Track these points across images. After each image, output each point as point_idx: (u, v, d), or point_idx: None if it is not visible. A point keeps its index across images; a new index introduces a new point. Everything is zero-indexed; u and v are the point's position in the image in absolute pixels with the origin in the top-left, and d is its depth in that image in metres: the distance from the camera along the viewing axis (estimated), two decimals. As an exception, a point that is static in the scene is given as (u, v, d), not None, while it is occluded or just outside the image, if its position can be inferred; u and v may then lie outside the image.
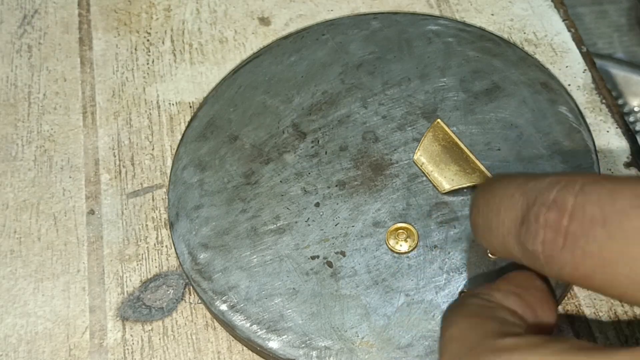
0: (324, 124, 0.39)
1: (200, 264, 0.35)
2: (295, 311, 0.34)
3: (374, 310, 0.33)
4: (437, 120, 0.37)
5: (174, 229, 0.36)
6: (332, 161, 0.38)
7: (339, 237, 0.35)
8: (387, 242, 0.35)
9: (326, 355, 0.33)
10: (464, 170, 0.35)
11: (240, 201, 0.37)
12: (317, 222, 0.36)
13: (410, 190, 0.36)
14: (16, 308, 0.37)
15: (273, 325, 0.33)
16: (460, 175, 0.35)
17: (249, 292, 0.34)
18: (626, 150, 0.39)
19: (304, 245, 0.35)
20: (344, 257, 0.35)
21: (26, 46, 0.46)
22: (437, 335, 0.32)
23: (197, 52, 0.45)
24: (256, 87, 0.40)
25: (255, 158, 0.38)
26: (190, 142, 0.39)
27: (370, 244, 0.35)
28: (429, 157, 0.36)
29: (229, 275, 0.35)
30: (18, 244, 0.39)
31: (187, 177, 0.38)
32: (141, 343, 0.36)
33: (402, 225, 0.35)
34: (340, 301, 0.34)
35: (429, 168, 0.36)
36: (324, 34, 0.42)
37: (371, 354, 0.32)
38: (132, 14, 0.47)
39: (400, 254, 0.35)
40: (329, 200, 0.36)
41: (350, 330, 0.33)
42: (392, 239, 0.35)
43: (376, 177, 0.37)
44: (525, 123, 0.38)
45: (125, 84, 0.44)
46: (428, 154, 0.36)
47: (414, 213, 0.35)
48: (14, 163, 0.41)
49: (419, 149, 0.37)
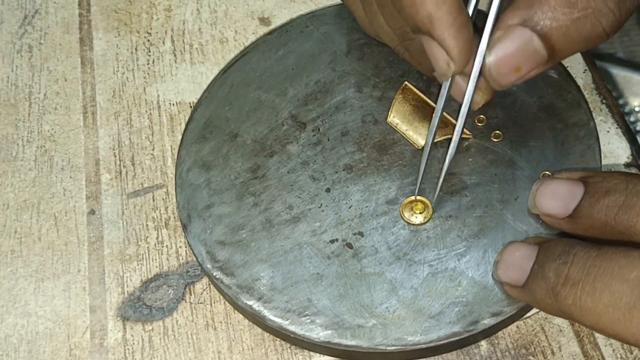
0: (322, 112, 0.39)
1: (220, 261, 0.35)
2: (323, 294, 0.34)
3: (400, 284, 0.34)
4: (405, 82, 0.39)
5: (188, 231, 0.36)
6: (335, 147, 0.38)
7: (354, 219, 0.36)
8: (402, 215, 0.35)
9: (360, 333, 0.33)
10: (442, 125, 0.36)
11: (250, 196, 0.37)
12: (331, 206, 0.36)
13: (417, 166, 0.37)
14: (17, 308, 0.37)
15: (303, 311, 0.34)
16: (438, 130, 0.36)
17: (273, 282, 0.35)
18: (626, 150, 0.39)
19: (321, 230, 0.36)
20: (363, 237, 0.35)
21: (27, 46, 0.46)
22: (465, 301, 0.33)
23: (198, 52, 0.45)
24: (248, 84, 0.41)
25: (259, 152, 0.38)
26: (191, 144, 0.39)
27: (387, 222, 0.36)
28: (402, 118, 0.38)
29: (251, 268, 0.35)
30: (19, 244, 0.39)
31: (192, 178, 0.38)
32: (142, 343, 0.36)
33: (415, 199, 0.36)
34: (365, 280, 0.34)
35: (403, 128, 0.38)
36: (308, 25, 0.42)
37: (404, 326, 0.33)
38: (132, 14, 0.47)
39: (418, 227, 0.35)
40: (339, 185, 0.37)
41: (381, 307, 0.33)
42: (407, 211, 0.36)
43: (382, 157, 0.37)
44: (518, 90, 0.38)
45: (125, 84, 0.44)
46: (401, 115, 0.38)
47: (424, 187, 0.36)
48: (14, 163, 0.41)
49: (391, 111, 0.38)
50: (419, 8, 0.30)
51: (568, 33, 0.30)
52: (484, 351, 0.34)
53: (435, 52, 0.31)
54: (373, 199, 0.36)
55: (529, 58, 0.31)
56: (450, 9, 0.30)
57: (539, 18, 0.30)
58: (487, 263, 0.34)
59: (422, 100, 0.38)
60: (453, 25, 0.30)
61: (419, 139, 0.37)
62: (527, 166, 0.36)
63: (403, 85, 0.39)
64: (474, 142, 0.37)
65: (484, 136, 0.37)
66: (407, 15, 0.31)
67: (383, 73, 0.40)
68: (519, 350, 0.34)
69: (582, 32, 0.30)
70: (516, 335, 0.34)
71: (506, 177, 0.36)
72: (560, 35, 0.30)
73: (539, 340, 0.34)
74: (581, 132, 0.37)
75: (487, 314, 0.33)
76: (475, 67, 0.32)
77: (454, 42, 0.30)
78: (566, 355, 0.34)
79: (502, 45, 0.31)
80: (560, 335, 0.34)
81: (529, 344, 0.34)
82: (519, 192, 0.36)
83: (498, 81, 0.32)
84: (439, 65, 0.31)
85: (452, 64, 0.31)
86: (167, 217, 0.39)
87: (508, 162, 0.36)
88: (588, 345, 0.34)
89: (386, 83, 0.40)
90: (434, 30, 0.30)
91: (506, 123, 0.38)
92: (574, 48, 0.31)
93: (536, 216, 0.35)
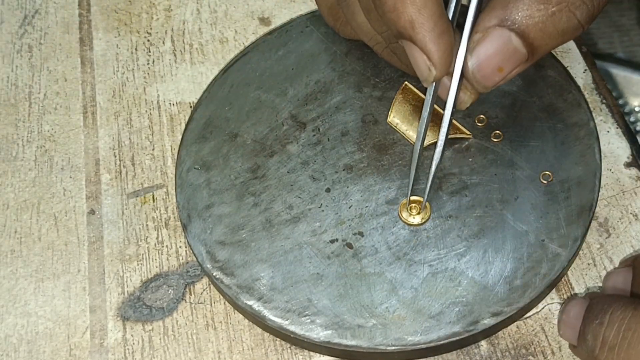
0: (322, 112, 0.39)
1: (220, 261, 0.35)
2: (323, 294, 0.34)
3: (401, 284, 0.34)
4: (405, 83, 0.38)
5: (188, 231, 0.37)
6: (335, 147, 0.38)
7: (354, 219, 0.36)
8: (401, 215, 0.36)
9: (360, 333, 0.33)
10: (437, 125, 0.36)
11: (250, 196, 0.37)
12: (331, 206, 0.36)
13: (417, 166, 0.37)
14: (17, 308, 0.37)
15: (303, 311, 0.34)
16: (434, 130, 0.36)
17: (273, 282, 0.35)
18: (626, 150, 0.39)
19: (321, 230, 0.36)
20: (363, 237, 0.35)
21: (27, 46, 0.46)
22: (465, 301, 0.33)
23: (198, 52, 0.45)
24: (248, 84, 0.41)
25: (259, 152, 0.38)
26: (191, 144, 0.39)
27: (387, 222, 0.36)
28: (402, 118, 0.38)
29: (251, 268, 0.35)
30: (19, 244, 0.39)
31: (192, 178, 0.38)
32: (142, 343, 0.36)
33: (413, 199, 0.36)
34: (365, 280, 0.34)
35: (403, 128, 0.38)
36: (308, 25, 0.43)
37: (404, 326, 0.33)
38: (132, 14, 0.47)
39: (418, 227, 0.35)
40: (339, 185, 0.37)
41: (381, 307, 0.33)
42: (405, 212, 0.36)
43: (382, 157, 0.37)
44: (518, 90, 0.38)
45: (125, 84, 0.44)
46: (400, 115, 0.38)
47: (424, 187, 0.36)
48: (14, 163, 0.41)
49: (391, 111, 0.38)
50: (400, 13, 0.30)
51: (545, 28, 0.30)
52: (484, 351, 0.34)
53: (416, 57, 0.31)
54: (373, 199, 0.36)
55: (510, 57, 0.31)
56: (431, 15, 0.30)
57: (516, 17, 0.30)
58: (487, 263, 0.34)
59: (422, 100, 0.38)
60: (434, 30, 0.30)
61: None
62: (527, 166, 0.36)
63: (403, 85, 0.39)
64: (474, 142, 0.37)
65: (484, 136, 0.37)
66: (389, 21, 0.31)
67: (383, 73, 0.40)
68: (519, 350, 0.34)
69: (558, 27, 0.30)
70: (516, 335, 0.34)
71: (506, 177, 0.36)
72: (537, 31, 0.30)
73: (539, 340, 0.34)
74: (581, 132, 0.37)
75: (487, 314, 0.33)
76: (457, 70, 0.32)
77: (435, 47, 0.31)
78: (566, 355, 0.34)
79: (482, 47, 0.31)
80: (560, 335, 0.34)
81: (529, 344, 0.34)
82: (519, 192, 0.36)
83: (483, 83, 0.32)
84: (420, 70, 0.32)
85: (434, 69, 0.31)
86: (167, 217, 0.39)
87: (508, 162, 0.36)
88: (588, 345, 0.34)
89: (386, 83, 0.40)
90: (415, 35, 0.31)
91: (506, 123, 0.38)
92: (552, 43, 0.31)
93: (536, 216, 0.35)
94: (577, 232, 0.34)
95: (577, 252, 0.35)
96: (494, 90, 0.38)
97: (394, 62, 0.39)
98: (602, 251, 0.36)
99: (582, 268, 0.36)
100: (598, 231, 0.37)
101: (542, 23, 0.30)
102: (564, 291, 0.35)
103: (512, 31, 0.30)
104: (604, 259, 0.36)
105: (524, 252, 0.34)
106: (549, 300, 0.35)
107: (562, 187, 0.35)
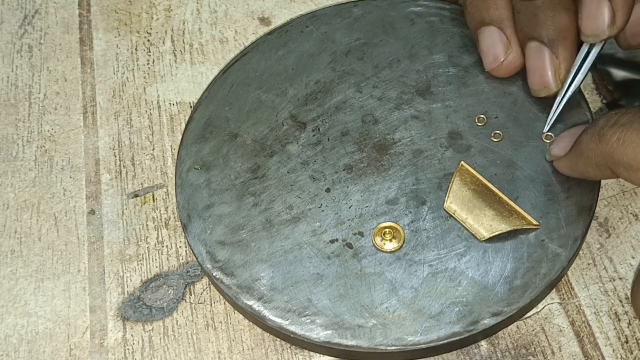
0: (322, 112, 0.39)
1: (220, 261, 0.35)
2: (323, 295, 0.34)
3: (401, 284, 0.34)
4: (461, 163, 0.36)
5: (188, 231, 0.37)
6: (335, 147, 0.38)
7: (354, 219, 0.36)
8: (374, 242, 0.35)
9: (360, 333, 0.33)
10: (501, 214, 0.35)
11: (250, 196, 0.37)
12: (331, 206, 0.36)
13: (417, 166, 0.37)
14: (17, 308, 0.37)
15: (303, 311, 0.34)
16: (498, 220, 0.35)
17: (273, 282, 0.35)
18: (626, 150, 0.39)
19: (321, 230, 0.36)
20: (363, 237, 0.35)
21: (27, 46, 0.46)
22: (465, 301, 0.33)
23: (198, 52, 0.45)
24: (248, 84, 0.41)
25: (259, 152, 0.38)
26: (191, 144, 0.39)
27: (387, 222, 0.36)
28: (461, 204, 0.35)
29: (251, 268, 0.35)
30: (19, 244, 0.39)
31: (192, 178, 0.38)
32: (142, 343, 0.36)
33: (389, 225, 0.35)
34: (365, 280, 0.34)
35: (462, 215, 0.35)
36: (308, 25, 0.43)
37: (404, 326, 0.33)
38: (132, 14, 0.47)
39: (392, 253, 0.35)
40: (339, 185, 0.37)
41: (381, 307, 0.33)
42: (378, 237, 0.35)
43: (382, 157, 0.37)
44: (518, 89, 0.38)
45: (125, 84, 0.44)
46: (459, 201, 0.35)
47: (424, 187, 0.36)
48: (14, 163, 0.41)
49: (448, 195, 0.36)
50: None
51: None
52: (484, 351, 0.34)
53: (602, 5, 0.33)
54: (373, 198, 0.36)
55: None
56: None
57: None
58: (487, 263, 0.34)
59: (482, 184, 0.35)
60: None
61: (481, 229, 0.35)
62: (527, 166, 0.36)
63: (459, 165, 0.36)
64: (474, 142, 0.37)
65: (484, 136, 0.37)
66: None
67: (383, 73, 0.40)
68: (519, 350, 0.34)
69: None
70: (516, 335, 0.34)
71: (506, 177, 0.36)
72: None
73: (539, 340, 0.34)
74: None
75: (487, 314, 0.33)
76: None
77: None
78: (566, 355, 0.34)
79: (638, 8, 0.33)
80: (560, 335, 0.34)
81: (529, 344, 0.34)
82: (519, 192, 0.36)
83: (629, 41, 0.36)
84: (598, 24, 0.33)
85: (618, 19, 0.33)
86: (167, 217, 0.39)
87: (508, 162, 0.36)
88: (588, 345, 0.34)
89: (386, 83, 0.40)
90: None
91: (506, 123, 0.38)
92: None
93: (536, 216, 0.35)
94: (577, 232, 0.34)
95: (577, 252, 0.35)
96: (494, 90, 0.38)
97: None
98: (602, 251, 0.36)
99: (582, 268, 0.36)
100: (598, 231, 0.37)
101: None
102: (564, 291, 0.35)
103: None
104: (604, 259, 0.36)
105: (524, 252, 0.34)
106: (549, 300, 0.35)
107: (562, 187, 0.35)
